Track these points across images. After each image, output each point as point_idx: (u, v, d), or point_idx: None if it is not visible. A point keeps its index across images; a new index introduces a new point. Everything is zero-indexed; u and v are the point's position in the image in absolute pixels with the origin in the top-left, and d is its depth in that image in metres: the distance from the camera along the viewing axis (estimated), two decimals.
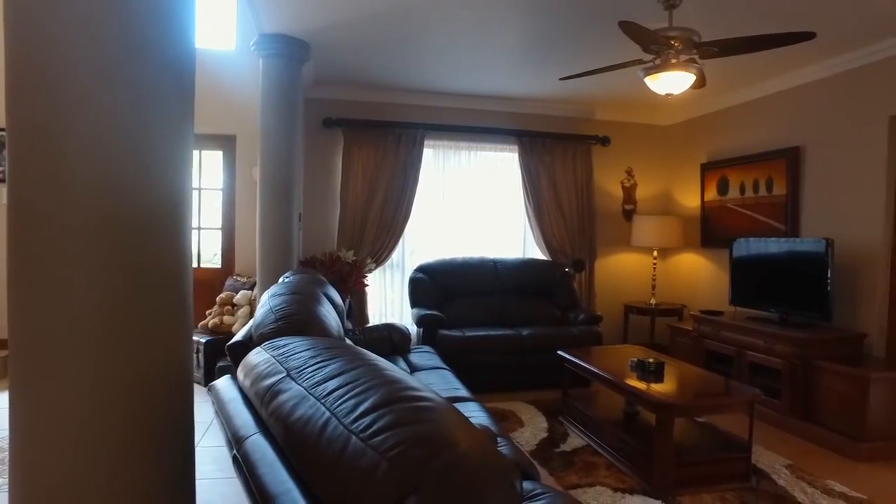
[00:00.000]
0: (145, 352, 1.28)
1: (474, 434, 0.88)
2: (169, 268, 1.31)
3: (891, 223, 3.98)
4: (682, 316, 5.59)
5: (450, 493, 0.73)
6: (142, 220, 1.26)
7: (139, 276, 1.26)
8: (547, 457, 3.42)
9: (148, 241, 1.28)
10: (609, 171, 6.09)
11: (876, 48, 3.96)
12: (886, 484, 3.17)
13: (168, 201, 1.30)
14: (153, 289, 1.29)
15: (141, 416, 1.28)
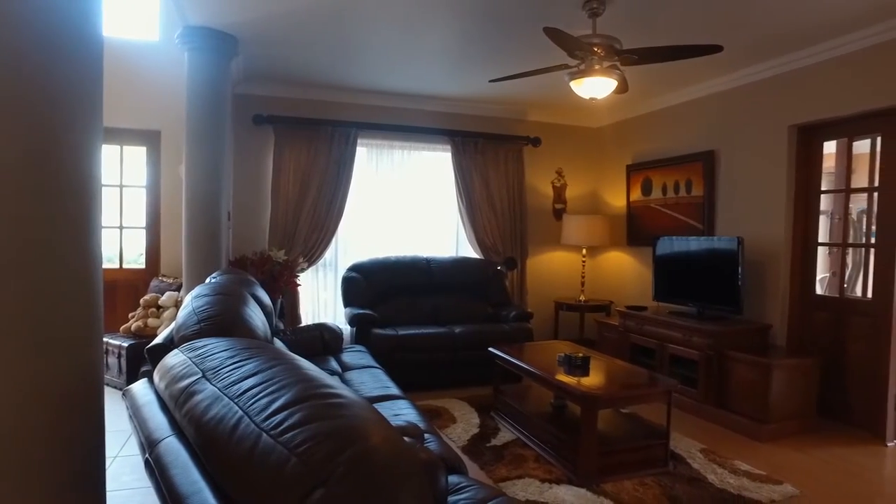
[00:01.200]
0: (48, 355, 1.23)
1: (386, 429, 0.91)
2: (76, 267, 1.26)
3: (791, 223, 4.30)
4: (609, 311, 5.82)
5: (358, 486, 0.75)
6: (45, 217, 1.21)
7: (42, 276, 1.21)
8: (478, 451, 3.49)
9: (54, 239, 1.23)
10: (540, 171, 6.25)
11: (778, 62, 4.26)
12: (783, 460, 3.46)
13: (74, 197, 1.25)
14: (57, 289, 1.23)
15: (38, 421, 1.22)
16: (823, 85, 4.02)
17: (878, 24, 3.58)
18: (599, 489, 2.99)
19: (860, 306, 3.96)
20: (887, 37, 3.61)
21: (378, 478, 0.79)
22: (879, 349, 3.78)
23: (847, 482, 3.19)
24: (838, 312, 4.08)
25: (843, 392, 4.01)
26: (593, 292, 6.28)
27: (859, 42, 3.76)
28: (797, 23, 3.61)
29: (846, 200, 4.25)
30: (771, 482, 3.12)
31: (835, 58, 3.93)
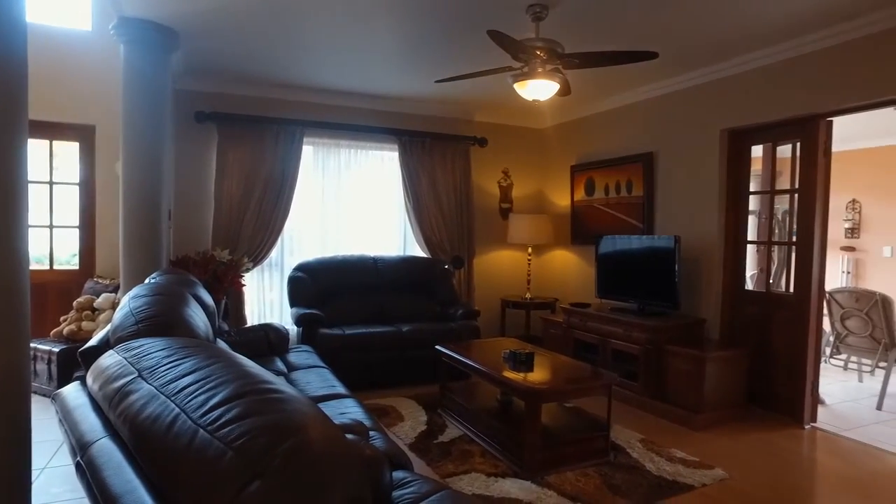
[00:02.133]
0: None
1: (324, 423, 0.92)
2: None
3: (723, 222, 4.53)
4: (554, 309, 5.96)
5: (295, 477, 0.76)
6: None
7: None
8: (425, 448, 3.52)
9: None
10: (487, 170, 6.34)
11: (710, 70, 4.48)
12: (715, 446, 3.65)
13: None
14: None
15: None
16: (750, 93, 4.25)
17: (795, 38, 3.83)
18: (543, 481, 3.07)
19: (783, 300, 4.22)
20: (803, 50, 3.86)
21: (314, 470, 0.80)
22: (799, 340, 4.04)
23: (769, 463, 3.41)
24: (765, 306, 4.33)
25: (769, 381, 4.25)
26: (539, 290, 6.41)
27: (780, 54, 3.99)
28: (726, 34, 3.80)
29: (771, 201, 4.51)
30: (703, 467, 3.29)
31: (760, 67, 4.16)
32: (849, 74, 3.65)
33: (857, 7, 3.36)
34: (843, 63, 3.67)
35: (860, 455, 3.60)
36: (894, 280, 6.44)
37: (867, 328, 4.82)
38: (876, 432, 4.00)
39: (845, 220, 7.44)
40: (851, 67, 3.63)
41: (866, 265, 7.27)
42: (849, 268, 7.39)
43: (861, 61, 3.59)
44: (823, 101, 3.81)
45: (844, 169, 7.02)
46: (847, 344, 5.08)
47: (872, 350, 4.85)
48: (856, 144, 7.02)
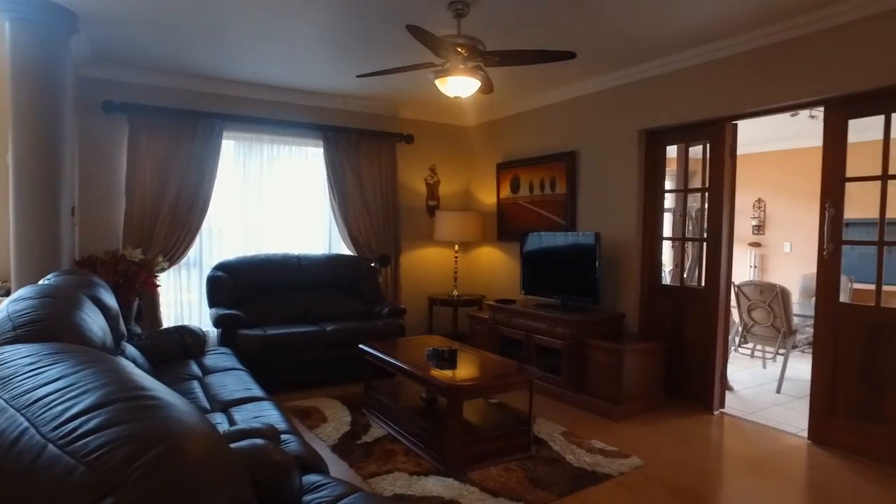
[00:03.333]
0: None
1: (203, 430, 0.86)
2: None
3: (641, 219, 4.70)
4: (481, 306, 6.01)
5: (157, 490, 0.70)
6: None
7: None
8: (348, 449, 3.46)
9: None
10: (413, 168, 6.31)
11: (628, 71, 4.63)
12: (633, 436, 3.77)
13: None
14: None
15: None
16: (664, 95, 4.42)
17: (703, 45, 4.02)
18: (466, 477, 3.08)
19: (696, 294, 4.42)
20: (710, 57, 4.06)
21: (184, 481, 0.74)
22: (709, 331, 4.25)
23: (680, 449, 3.58)
24: (679, 300, 4.52)
25: (683, 371, 4.45)
26: (466, 287, 6.45)
27: (690, 59, 4.18)
28: (641, 38, 3.93)
29: (684, 199, 4.72)
30: (621, 456, 3.39)
31: (673, 71, 4.34)
32: (749, 81, 3.87)
33: (759, 19, 3.56)
34: (745, 70, 3.89)
35: (760, 436, 3.83)
36: (793, 273, 6.90)
37: (769, 318, 5.13)
38: (775, 414, 4.27)
39: (752, 217, 7.92)
40: (752, 75, 3.85)
41: (770, 260, 7.76)
42: (756, 262, 7.88)
43: (760, 69, 3.81)
44: (728, 105, 4.02)
45: (752, 170, 7.49)
46: (753, 333, 5.40)
47: (774, 338, 5.17)
48: (762, 147, 7.47)
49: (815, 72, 3.54)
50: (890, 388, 3.35)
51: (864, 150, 3.55)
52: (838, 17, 3.39)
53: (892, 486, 3.10)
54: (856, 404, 3.50)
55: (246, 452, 1.74)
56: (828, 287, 3.66)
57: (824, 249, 3.64)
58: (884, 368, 3.37)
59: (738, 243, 7.88)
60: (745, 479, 3.25)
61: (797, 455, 3.54)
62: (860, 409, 3.48)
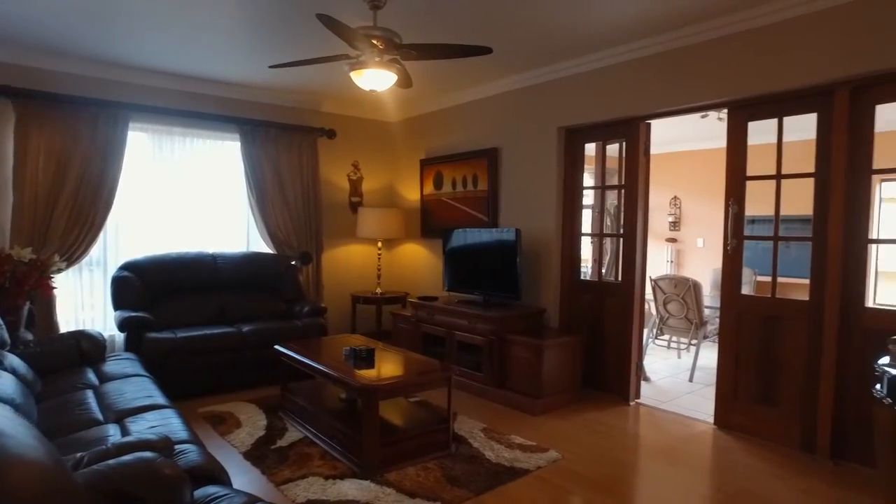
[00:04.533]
0: None
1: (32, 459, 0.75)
2: None
3: (561, 215, 4.78)
4: (404, 303, 5.95)
5: None
6: None
7: None
8: (261, 455, 3.31)
9: None
10: (335, 163, 6.16)
11: (548, 69, 4.69)
12: (552, 429, 3.82)
13: None
14: None
15: None
16: (583, 94, 4.51)
17: (619, 46, 4.11)
18: (383, 479, 3.01)
19: (613, 288, 4.54)
20: (624, 57, 4.17)
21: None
22: (626, 324, 4.38)
23: (597, 440, 3.66)
24: (598, 294, 4.63)
25: (602, 363, 4.56)
26: (390, 285, 6.38)
27: (606, 59, 4.28)
28: (558, 37, 3.98)
29: (602, 196, 4.84)
30: (539, 451, 3.43)
31: (591, 70, 4.42)
32: (660, 82, 4.00)
33: (668, 23, 3.68)
34: (656, 72, 4.02)
35: (672, 424, 3.99)
36: (706, 267, 7.24)
37: (683, 310, 5.36)
38: (688, 402, 4.45)
39: (669, 214, 8.25)
40: (662, 76, 3.98)
41: (685, 255, 8.12)
42: (672, 257, 8.22)
43: (670, 71, 3.94)
44: (641, 105, 4.14)
45: (669, 169, 7.80)
46: (668, 325, 5.62)
47: (687, 329, 5.41)
48: (678, 147, 7.79)
49: (718, 76, 3.69)
50: (783, 373, 3.55)
51: (764, 152, 3.74)
52: (737, 25, 3.55)
53: (784, 464, 3.29)
54: (754, 390, 3.69)
55: (127, 469, 1.61)
56: (731, 280, 3.84)
57: (728, 244, 3.81)
58: (778, 355, 3.57)
59: (656, 239, 8.21)
60: (657, 465, 3.37)
61: (704, 440, 3.70)
62: (758, 394, 3.67)
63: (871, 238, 3.31)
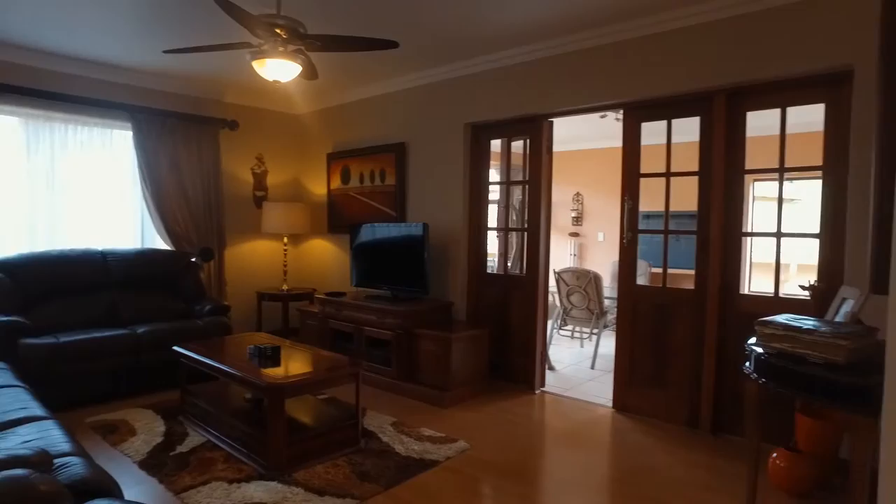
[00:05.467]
0: None
1: None
2: None
3: (467, 210, 4.87)
4: (312, 300, 5.83)
5: None
6: None
7: None
8: (159, 463, 3.14)
9: None
10: (239, 156, 5.91)
11: (455, 66, 4.76)
12: (460, 421, 3.90)
13: None
14: None
15: None
16: (489, 91, 4.61)
17: (524, 45, 4.25)
18: (291, 479, 2.95)
19: (518, 281, 4.69)
20: (531, 56, 4.31)
21: None
22: (530, 316, 4.54)
23: (504, 428, 3.77)
24: (504, 287, 4.77)
25: (508, 354, 4.70)
26: (297, 281, 6.23)
27: (513, 58, 4.40)
28: (465, 35, 4.05)
29: (507, 191, 4.97)
30: (448, 442, 3.48)
31: (497, 68, 4.53)
32: (561, 82, 4.17)
33: (569, 26, 3.85)
34: (557, 72, 4.19)
35: (575, 409, 4.19)
36: (606, 260, 7.65)
37: (585, 301, 5.63)
38: (589, 388, 4.69)
39: (572, 210, 8.62)
40: (563, 76, 4.16)
41: (587, 248, 8.53)
42: (575, 251, 8.60)
43: (570, 72, 4.12)
44: (543, 103, 4.30)
45: (572, 166, 8.14)
46: (572, 316, 5.88)
47: (589, 319, 5.69)
48: (581, 145, 8.15)
49: (614, 78, 3.91)
50: (672, 358, 3.83)
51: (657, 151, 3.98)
52: (631, 32, 3.77)
53: (672, 440, 3.55)
54: (648, 373, 3.95)
55: None
56: (627, 271, 4.08)
57: (624, 238, 4.05)
58: (668, 341, 3.84)
59: (559, 233, 8.56)
60: (560, 449, 3.53)
61: (603, 423, 3.91)
62: (651, 378, 3.94)
63: (744, 232, 3.64)
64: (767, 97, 3.43)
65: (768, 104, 3.45)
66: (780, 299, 3.49)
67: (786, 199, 5.23)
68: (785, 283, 3.73)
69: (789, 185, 5.14)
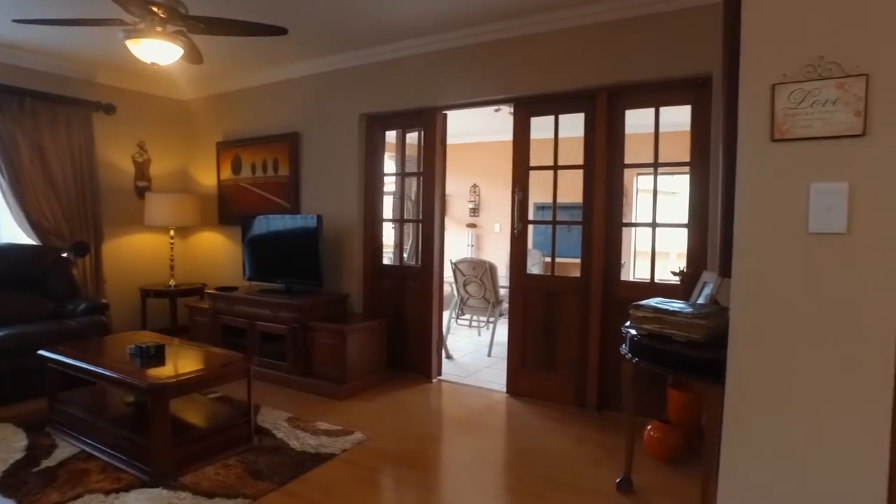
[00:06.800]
0: None
1: None
2: None
3: (363, 201, 4.84)
4: (202, 295, 5.56)
5: None
6: None
7: None
8: (18, 482, 2.84)
9: None
10: (117, 143, 5.47)
11: (349, 56, 4.69)
12: (357, 412, 3.89)
13: None
14: None
15: None
16: (384, 82, 4.59)
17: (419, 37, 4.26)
18: (177, 483, 2.80)
19: (414, 272, 4.74)
20: (425, 49, 4.34)
21: None
22: (426, 306, 4.60)
23: (401, 418, 3.81)
24: (400, 279, 4.79)
25: (405, 345, 4.74)
26: (186, 276, 5.90)
27: (407, 50, 4.41)
28: (360, 24, 4.00)
29: (402, 183, 4.99)
30: (345, 434, 3.46)
31: (391, 59, 4.52)
32: (454, 76, 4.24)
33: (461, 21, 3.91)
34: (450, 65, 4.25)
35: (471, 396, 4.30)
36: (503, 250, 7.88)
37: (481, 291, 5.78)
38: (486, 375, 4.84)
39: (469, 201, 8.81)
40: (456, 70, 4.23)
41: (484, 239, 8.76)
42: (472, 241, 8.81)
43: (462, 66, 4.20)
44: (437, 96, 4.35)
45: (469, 158, 8.31)
46: (469, 305, 6.02)
47: (485, 308, 5.85)
48: (477, 138, 8.33)
49: (504, 73, 4.03)
50: (560, 343, 4.04)
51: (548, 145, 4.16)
52: (520, 30, 3.91)
53: (562, 419, 3.76)
54: (539, 358, 4.14)
55: None
56: (518, 261, 4.24)
57: (515, 228, 4.20)
58: (557, 326, 4.05)
59: (458, 224, 8.73)
60: (456, 435, 3.62)
61: (498, 408, 4.05)
62: (542, 362, 4.13)
63: (624, 222, 3.90)
64: (644, 97, 3.69)
65: (644, 104, 3.72)
66: (655, 285, 3.79)
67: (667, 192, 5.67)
68: (666, 270, 4.04)
69: (671, 179, 5.60)
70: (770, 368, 1.58)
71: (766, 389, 1.58)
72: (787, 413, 1.56)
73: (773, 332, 1.57)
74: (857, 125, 1.44)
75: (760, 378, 1.59)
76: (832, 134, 1.47)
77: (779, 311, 1.55)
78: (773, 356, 1.57)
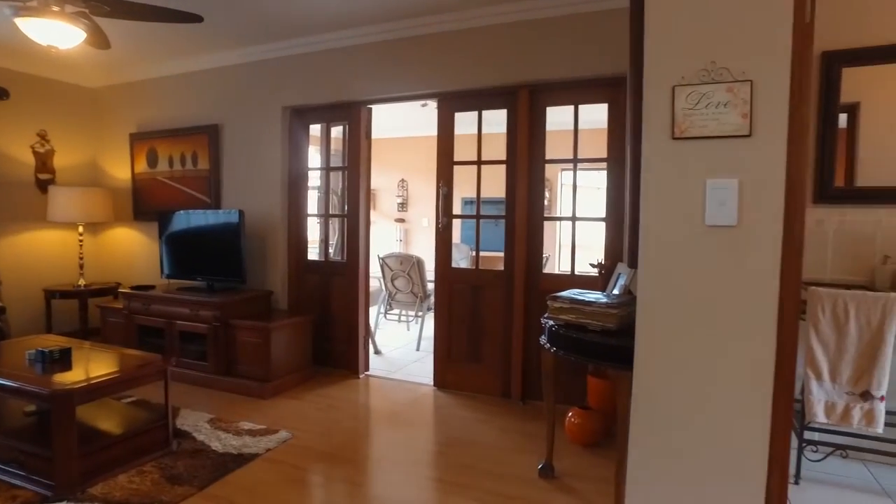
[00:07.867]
0: None
1: None
2: None
3: (286, 196, 4.74)
4: (117, 295, 5.27)
5: None
6: None
7: None
8: None
9: None
10: (13, 132, 5.06)
11: (271, 47, 4.58)
12: (282, 411, 3.82)
13: None
14: None
15: None
16: (308, 74, 4.51)
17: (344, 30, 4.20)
18: (85, 495, 2.66)
19: (339, 267, 4.68)
20: (351, 42, 4.29)
21: None
22: (352, 301, 4.57)
23: (328, 414, 3.77)
24: (325, 274, 4.73)
25: (332, 341, 4.69)
26: (98, 275, 5.57)
27: (332, 42, 4.35)
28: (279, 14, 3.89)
29: (327, 177, 4.92)
30: (269, 433, 3.39)
31: (315, 52, 4.45)
32: (379, 70, 4.22)
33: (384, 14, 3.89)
34: (376, 59, 4.23)
35: (399, 390, 4.31)
36: (430, 245, 7.92)
37: (409, 285, 5.79)
38: (414, 369, 4.86)
39: (398, 196, 8.79)
40: (381, 64, 4.21)
41: (412, 233, 8.77)
42: (401, 236, 8.80)
43: (388, 60, 4.18)
44: (362, 89, 4.32)
45: (397, 153, 8.28)
46: (397, 300, 6.02)
47: (413, 303, 5.87)
48: (405, 133, 8.31)
49: (428, 69, 4.05)
50: (484, 335, 4.12)
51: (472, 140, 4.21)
52: (442, 25, 3.94)
53: (487, 410, 3.84)
54: (465, 351, 4.21)
55: None
56: (443, 255, 4.28)
57: (440, 222, 4.23)
58: (483, 319, 4.12)
59: (386, 219, 8.70)
60: (383, 430, 3.62)
61: (425, 401, 4.08)
62: (468, 354, 4.20)
63: (546, 216, 4.01)
64: (563, 95, 3.81)
65: (564, 101, 3.84)
66: (575, 277, 3.93)
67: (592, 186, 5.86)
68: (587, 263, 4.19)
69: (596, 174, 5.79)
70: (670, 349, 1.70)
71: (666, 367, 1.71)
72: (682, 387, 1.69)
73: (672, 317, 1.68)
74: (745, 126, 1.56)
75: (662, 358, 1.71)
76: (724, 134, 1.58)
77: (678, 298, 1.67)
78: (673, 338, 1.69)
